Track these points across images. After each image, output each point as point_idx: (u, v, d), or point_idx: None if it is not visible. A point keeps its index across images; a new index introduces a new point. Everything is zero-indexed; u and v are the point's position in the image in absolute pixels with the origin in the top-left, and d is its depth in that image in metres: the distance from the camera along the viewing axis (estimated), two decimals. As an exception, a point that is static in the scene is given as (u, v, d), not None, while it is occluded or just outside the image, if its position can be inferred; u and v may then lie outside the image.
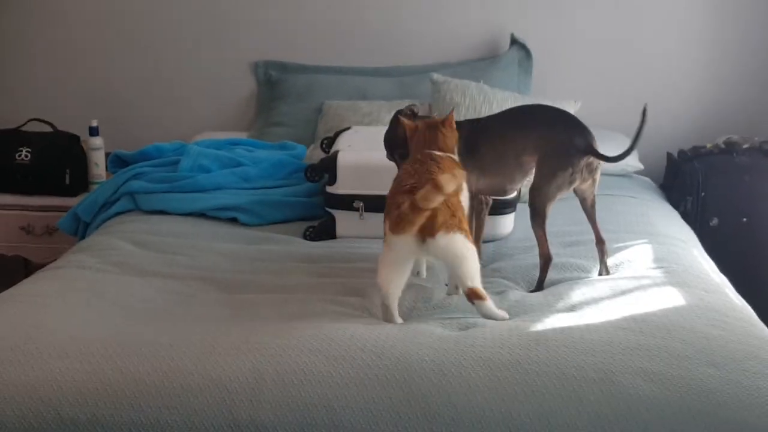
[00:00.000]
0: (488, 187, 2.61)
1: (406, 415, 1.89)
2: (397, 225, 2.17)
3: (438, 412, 1.88)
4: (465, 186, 2.36)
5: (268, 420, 1.88)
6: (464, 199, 2.34)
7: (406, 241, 2.18)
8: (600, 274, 2.57)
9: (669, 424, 1.85)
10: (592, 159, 2.48)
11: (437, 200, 2.12)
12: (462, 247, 2.20)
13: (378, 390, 1.92)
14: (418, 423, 1.88)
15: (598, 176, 2.54)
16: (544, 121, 2.55)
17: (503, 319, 2.22)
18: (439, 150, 2.37)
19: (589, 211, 2.59)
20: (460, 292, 2.30)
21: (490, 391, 1.91)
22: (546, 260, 2.51)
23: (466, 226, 2.25)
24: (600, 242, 2.59)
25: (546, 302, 2.35)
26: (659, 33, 4.09)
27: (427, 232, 2.17)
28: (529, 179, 2.56)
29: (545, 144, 2.48)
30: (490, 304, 2.23)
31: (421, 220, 2.15)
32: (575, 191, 2.54)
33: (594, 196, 2.57)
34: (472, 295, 2.21)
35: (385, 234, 2.26)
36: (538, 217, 2.48)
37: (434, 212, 2.16)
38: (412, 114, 2.61)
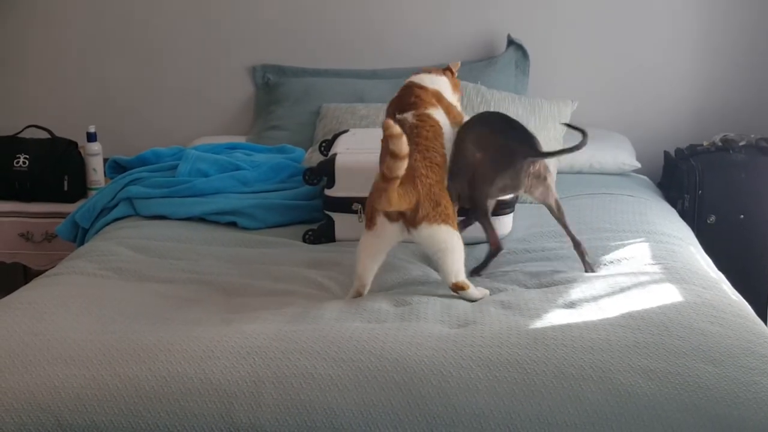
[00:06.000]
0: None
1: (405, 416, 1.89)
2: (378, 200, 2.25)
3: (437, 413, 1.89)
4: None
5: (267, 423, 1.89)
6: None
7: (392, 228, 2.33)
8: (586, 272, 2.58)
9: (667, 421, 1.87)
10: (538, 167, 2.50)
11: (400, 166, 2.19)
12: (445, 239, 2.32)
13: (377, 392, 1.92)
14: (417, 424, 1.89)
15: (550, 182, 2.56)
16: (487, 124, 2.58)
17: (484, 297, 2.39)
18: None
19: (557, 215, 2.61)
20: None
21: (490, 391, 1.92)
22: (495, 249, 2.59)
23: (452, 216, 2.35)
24: (576, 245, 2.62)
25: (544, 300, 2.36)
26: (654, 33, 4.09)
27: (410, 223, 2.32)
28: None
29: (488, 146, 2.51)
30: (472, 290, 2.38)
31: (394, 189, 2.22)
32: (536, 199, 2.58)
33: (557, 201, 2.59)
34: (456, 288, 2.37)
35: (368, 219, 2.39)
36: (479, 210, 2.56)
37: (416, 205, 2.28)
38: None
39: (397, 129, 2.16)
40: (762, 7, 4.00)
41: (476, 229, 2.70)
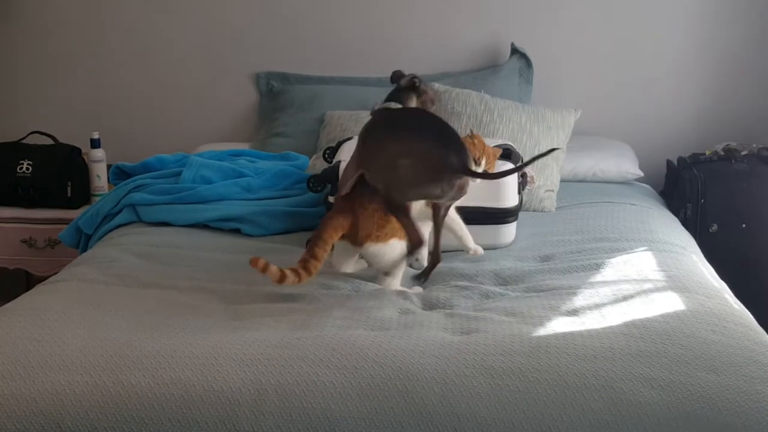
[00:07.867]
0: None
1: (408, 424, 1.89)
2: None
3: (440, 422, 1.89)
4: None
5: (269, 431, 1.89)
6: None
7: (345, 245, 2.55)
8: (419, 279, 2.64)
9: (669, 430, 1.86)
10: (463, 181, 2.45)
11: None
12: (389, 254, 2.51)
13: (380, 400, 1.92)
14: (420, 432, 1.89)
15: (467, 190, 2.52)
16: (415, 128, 2.51)
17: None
18: None
19: (437, 221, 2.60)
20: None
21: (492, 400, 1.92)
22: (418, 242, 2.50)
23: (399, 230, 2.50)
24: (434, 262, 2.64)
25: (547, 308, 2.36)
26: (658, 42, 4.10)
27: (355, 241, 2.50)
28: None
29: (419, 155, 2.42)
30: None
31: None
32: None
33: (450, 209, 2.61)
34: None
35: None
36: (398, 209, 2.49)
37: (356, 226, 2.49)
38: (413, 86, 2.73)
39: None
40: (764, 17, 4.01)
41: (452, 237, 2.73)
